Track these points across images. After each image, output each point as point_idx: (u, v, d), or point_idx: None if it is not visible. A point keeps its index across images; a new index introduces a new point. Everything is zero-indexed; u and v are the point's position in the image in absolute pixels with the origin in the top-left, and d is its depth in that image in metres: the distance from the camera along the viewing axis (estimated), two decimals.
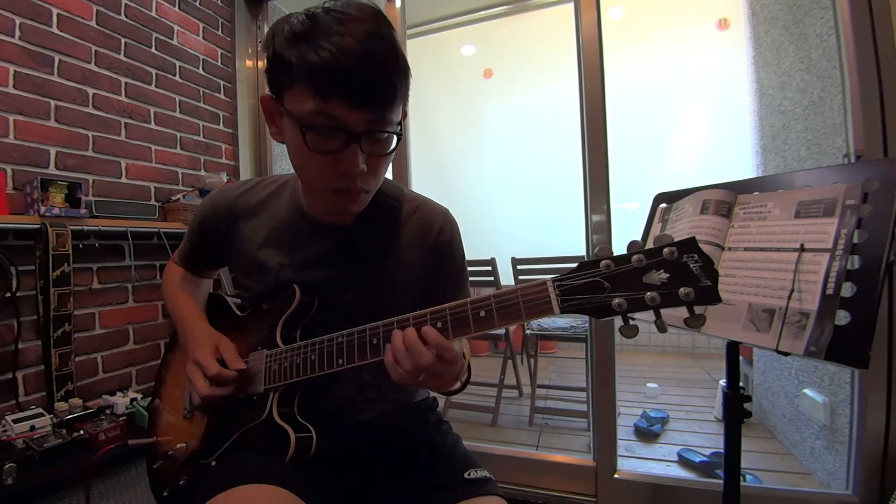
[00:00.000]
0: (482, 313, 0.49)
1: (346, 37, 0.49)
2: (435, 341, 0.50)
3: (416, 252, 0.70)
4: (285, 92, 0.54)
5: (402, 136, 0.58)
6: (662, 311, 0.43)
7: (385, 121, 0.54)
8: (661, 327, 0.44)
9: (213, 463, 0.64)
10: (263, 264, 0.69)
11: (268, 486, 0.55)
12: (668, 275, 0.42)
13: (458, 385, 0.61)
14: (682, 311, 0.43)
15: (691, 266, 0.41)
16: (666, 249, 0.42)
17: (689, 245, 0.42)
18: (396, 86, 0.53)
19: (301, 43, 0.51)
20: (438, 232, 0.72)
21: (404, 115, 0.60)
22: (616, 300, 0.44)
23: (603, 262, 0.45)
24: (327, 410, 0.67)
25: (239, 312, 0.76)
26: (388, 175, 0.74)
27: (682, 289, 0.41)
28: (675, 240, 0.43)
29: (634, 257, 0.43)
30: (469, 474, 0.65)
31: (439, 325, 0.51)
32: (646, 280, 0.43)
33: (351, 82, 0.50)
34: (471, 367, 0.61)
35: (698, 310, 0.42)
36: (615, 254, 0.45)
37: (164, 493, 0.70)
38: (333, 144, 0.54)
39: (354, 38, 0.50)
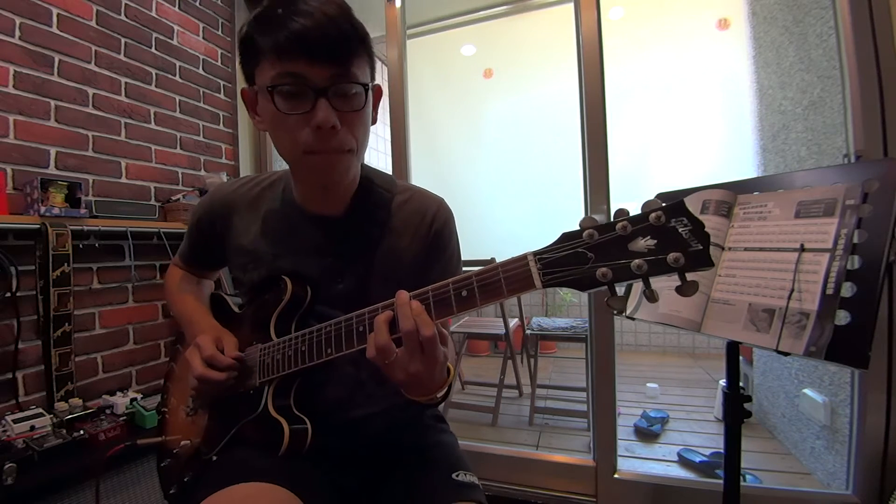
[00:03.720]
0: (464, 292, 0.49)
1: (301, 3, 0.54)
2: (416, 311, 0.49)
3: (408, 241, 0.70)
4: (255, 71, 0.58)
5: (369, 93, 0.60)
6: (652, 279, 0.41)
7: (349, 75, 0.56)
8: (651, 297, 0.41)
9: (214, 457, 0.64)
10: (257, 255, 0.70)
11: (265, 485, 0.55)
12: (655, 241, 0.40)
13: (438, 394, 0.56)
14: (675, 280, 0.40)
15: (680, 230, 0.39)
16: (652, 214, 0.40)
17: (678, 209, 0.40)
18: (352, 40, 0.56)
19: (262, 21, 0.55)
20: (431, 220, 0.71)
21: (379, 94, 0.63)
22: (600, 270, 0.42)
23: (586, 232, 0.43)
24: (326, 406, 0.67)
25: (237, 310, 0.77)
26: (388, 174, 0.74)
27: (670, 254, 0.39)
28: (663, 204, 0.41)
29: (619, 224, 0.41)
30: (458, 476, 0.66)
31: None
32: (632, 248, 0.41)
33: (307, 38, 0.53)
34: (451, 385, 0.58)
35: (690, 276, 0.40)
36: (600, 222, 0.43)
37: (172, 491, 0.70)
38: (302, 103, 0.55)
39: (309, 5, 0.54)
